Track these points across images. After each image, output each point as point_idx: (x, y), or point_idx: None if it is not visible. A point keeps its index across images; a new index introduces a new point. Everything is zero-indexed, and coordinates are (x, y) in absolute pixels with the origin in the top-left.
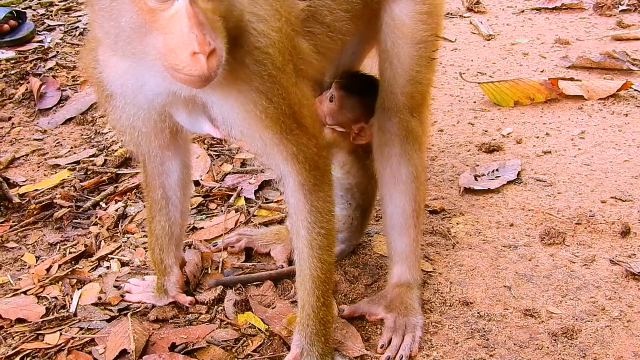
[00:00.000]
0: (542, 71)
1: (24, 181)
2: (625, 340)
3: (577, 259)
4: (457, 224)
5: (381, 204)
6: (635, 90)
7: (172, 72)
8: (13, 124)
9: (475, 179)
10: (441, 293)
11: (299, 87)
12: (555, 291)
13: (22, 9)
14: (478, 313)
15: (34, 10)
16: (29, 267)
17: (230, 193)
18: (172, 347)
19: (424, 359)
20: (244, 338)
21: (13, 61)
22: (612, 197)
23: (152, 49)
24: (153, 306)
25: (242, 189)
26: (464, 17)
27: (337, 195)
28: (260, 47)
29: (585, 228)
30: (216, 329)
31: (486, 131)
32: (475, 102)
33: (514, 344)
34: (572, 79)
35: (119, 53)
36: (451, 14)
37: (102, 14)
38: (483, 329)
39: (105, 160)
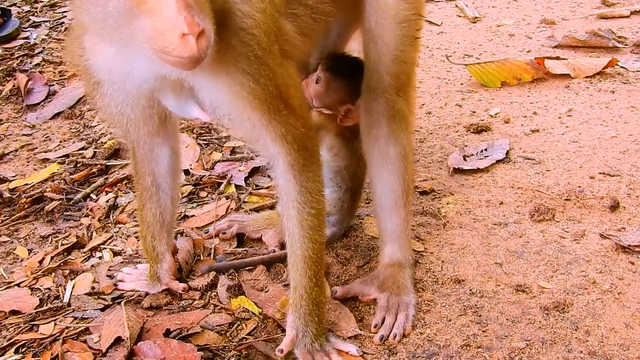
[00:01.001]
0: (528, 51)
1: (14, 176)
2: (617, 312)
3: (567, 234)
4: (447, 203)
5: (370, 185)
6: (622, 67)
7: (162, 55)
8: (1, 120)
9: (464, 159)
10: (433, 272)
11: (285, 67)
12: (546, 266)
13: (7, 6)
14: (470, 290)
15: (18, 7)
16: (21, 260)
17: (220, 181)
18: (167, 333)
19: (418, 337)
20: (238, 322)
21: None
22: (600, 173)
23: (140, 33)
24: (146, 294)
25: (232, 176)
26: (450, 0)
27: (326, 178)
28: (245, 28)
29: (575, 204)
30: (210, 314)
31: (474, 112)
32: (462, 84)
33: (507, 319)
34: (558, 58)
35: (106, 39)
36: None
37: (88, 0)
38: (475, 305)
39: (95, 152)
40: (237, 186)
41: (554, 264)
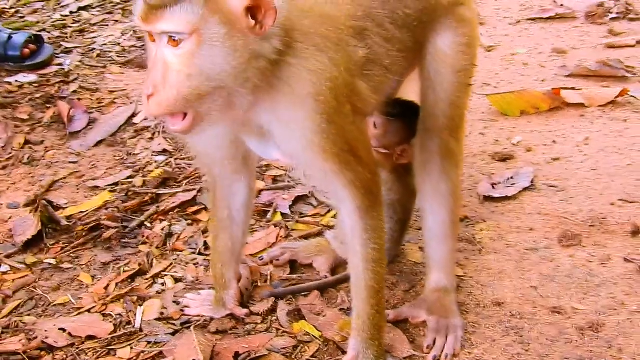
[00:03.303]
0: (542, 80)
1: (66, 204)
2: None
3: (594, 259)
4: (481, 230)
5: (422, 217)
6: (632, 96)
7: None
8: (46, 147)
9: (493, 187)
10: (474, 295)
11: (356, 124)
12: (577, 289)
13: (37, 31)
14: (510, 312)
15: (48, 32)
16: (86, 287)
17: (266, 209)
18: (236, 356)
19: (467, 356)
20: (301, 345)
21: (36, 85)
22: (620, 200)
23: None
24: (212, 319)
25: (277, 204)
26: None
27: None
28: (312, 93)
29: (599, 229)
30: (274, 337)
31: (497, 140)
32: (483, 113)
33: (546, 339)
34: (573, 88)
35: None
36: None
37: None
38: (516, 326)
39: (144, 181)
40: (283, 214)
41: (584, 286)
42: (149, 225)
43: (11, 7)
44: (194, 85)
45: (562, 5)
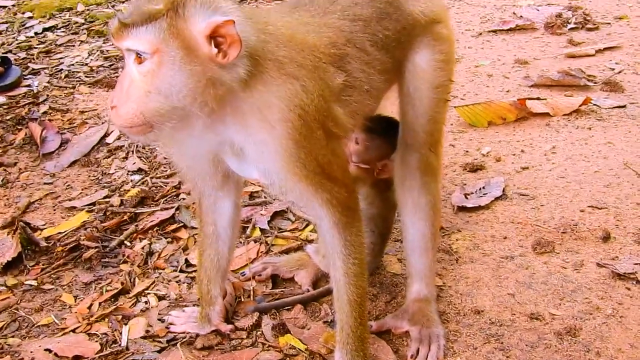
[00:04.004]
0: (507, 91)
1: (44, 225)
2: (621, 334)
3: (568, 265)
4: (457, 240)
5: (402, 229)
6: (595, 104)
7: None
8: (20, 169)
9: (466, 197)
10: (454, 304)
11: (329, 147)
12: (553, 295)
13: (3, 53)
14: (490, 320)
15: (14, 54)
16: (69, 307)
17: (245, 225)
18: None
19: None
20: (287, 358)
21: (6, 107)
22: (589, 206)
23: None
24: (197, 335)
25: (256, 220)
26: None
27: None
28: (281, 119)
29: (571, 236)
30: (260, 352)
31: (467, 151)
32: (452, 124)
33: (526, 345)
34: (538, 98)
35: None
36: None
37: None
38: (496, 333)
39: (122, 200)
40: (261, 229)
41: (560, 292)
42: (129, 244)
43: None
44: (152, 103)
45: (521, 16)
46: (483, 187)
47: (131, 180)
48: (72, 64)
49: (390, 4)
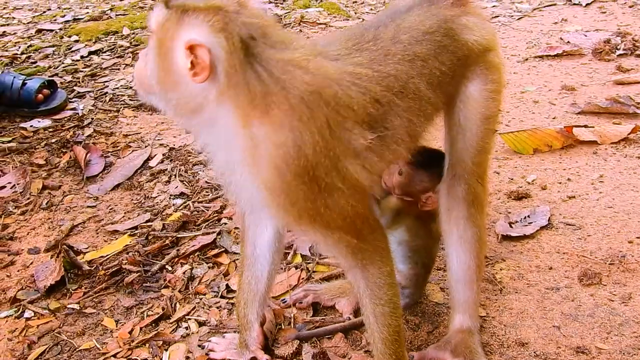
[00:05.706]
0: (553, 118)
1: (87, 248)
2: None
3: (616, 297)
4: (501, 269)
5: (447, 260)
6: None
7: None
8: (64, 192)
9: (510, 226)
10: (497, 336)
11: (327, 201)
12: (600, 328)
13: (49, 76)
14: (534, 352)
15: (60, 77)
16: (111, 331)
17: (286, 251)
18: None
19: None
20: None
21: (51, 130)
22: (637, 237)
23: None
24: None
25: (297, 246)
26: None
27: (405, 256)
28: (270, 166)
29: (618, 268)
30: None
31: (512, 179)
32: (497, 152)
33: None
34: (585, 126)
35: None
36: None
37: None
38: None
39: (164, 225)
40: (303, 256)
41: (607, 325)
42: (170, 268)
43: (22, 53)
44: (139, 77)
45: (568, 42)
46: (528, 216)
47: (173, 204)
48: (117, 87)
49: (447, 36)
